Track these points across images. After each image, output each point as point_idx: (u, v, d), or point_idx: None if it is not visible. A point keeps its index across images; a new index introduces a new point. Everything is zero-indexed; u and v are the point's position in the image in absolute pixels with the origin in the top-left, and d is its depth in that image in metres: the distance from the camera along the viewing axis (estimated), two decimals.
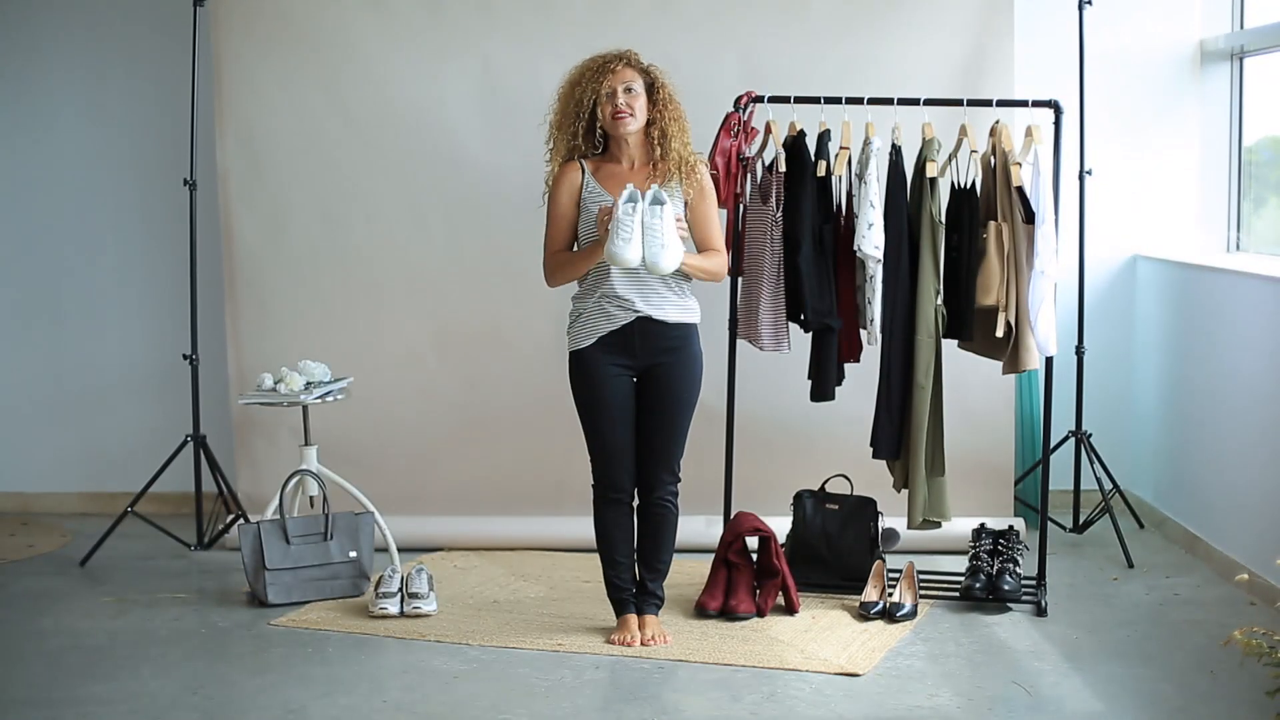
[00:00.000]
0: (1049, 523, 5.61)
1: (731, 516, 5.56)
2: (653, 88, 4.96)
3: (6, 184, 6.89)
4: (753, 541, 5.47)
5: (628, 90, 4.91)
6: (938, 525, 5.53)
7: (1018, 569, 5.45)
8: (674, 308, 4.99)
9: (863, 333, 5.48)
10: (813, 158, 5.42)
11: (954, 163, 5.50)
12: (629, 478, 5.06)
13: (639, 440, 5.05)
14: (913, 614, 5.30)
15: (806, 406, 5.60)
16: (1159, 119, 6.60)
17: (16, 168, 6.87)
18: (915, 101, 5.43)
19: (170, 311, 6.68)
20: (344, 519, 5.64)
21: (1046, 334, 5.30)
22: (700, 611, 5.31)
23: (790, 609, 5.34)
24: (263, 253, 6.31)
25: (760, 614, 5.31)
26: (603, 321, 4.96)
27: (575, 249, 5.00)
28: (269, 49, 6.22)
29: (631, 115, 4.91)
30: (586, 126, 4.96)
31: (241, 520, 6.14)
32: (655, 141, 4.95)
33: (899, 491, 5.55)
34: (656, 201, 4.78)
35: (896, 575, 5.54)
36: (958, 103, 5.47)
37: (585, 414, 5.03)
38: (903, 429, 5.47)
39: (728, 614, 5.29)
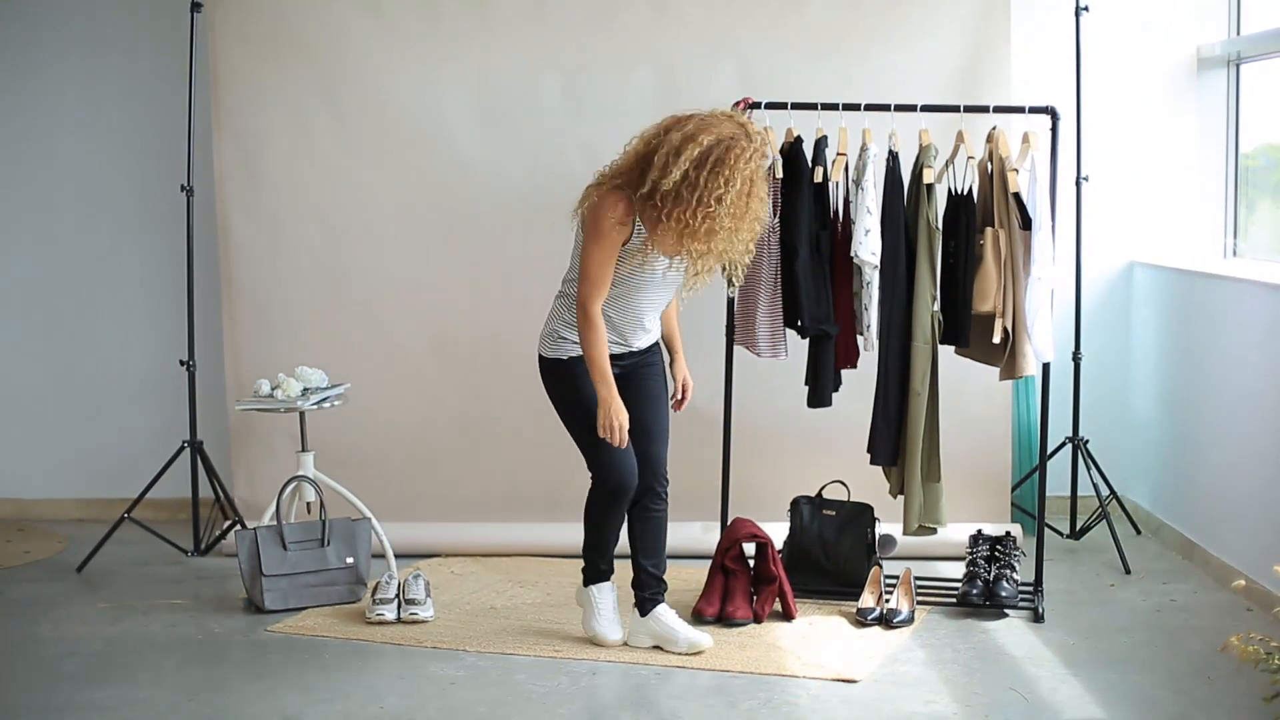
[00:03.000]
0: (1046, 529, 5.60)
1: (729, 523, 5.55)
2: None
3: (3, 190, 6.88)
4: (750, 547, 5.47)
5: None
6: (934, 531, 5.53)
7: (1015, 575, 5.45)
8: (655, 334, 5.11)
9: (860, 339, 5.48)
10: (810, 164, 5.42)
11: (951, 169, 5.50)
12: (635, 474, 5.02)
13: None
14: (910, 620, 5.30)
15: (804, 413, 5.60)
16: (1156, 125, 6.61)
17: (14, 173, 6.87)
18: (912, 108, 5.43)
19: (167, 317, 6.68)
20: (341, 525, 5.64)
21: (1043, 340, 5.30)
22: (697, 618, 5.31)
23: (787, 615, 5.34)
24: (260, 259, 6.30)
25: (757, 620, 5.31)
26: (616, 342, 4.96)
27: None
28: (266, 55, 6.22)
29: None
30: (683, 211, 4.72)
31: (238, 526, 6.15)
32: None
33: (895, 497, 5.55)
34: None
35: (893, 581, 5.54)
36: (954, 109, 5.47)
37: (589, 414, 4.89)
38: (900, 435, 5.48)
39: (725, 620, 5.28)
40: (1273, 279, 5.49)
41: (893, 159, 5.40)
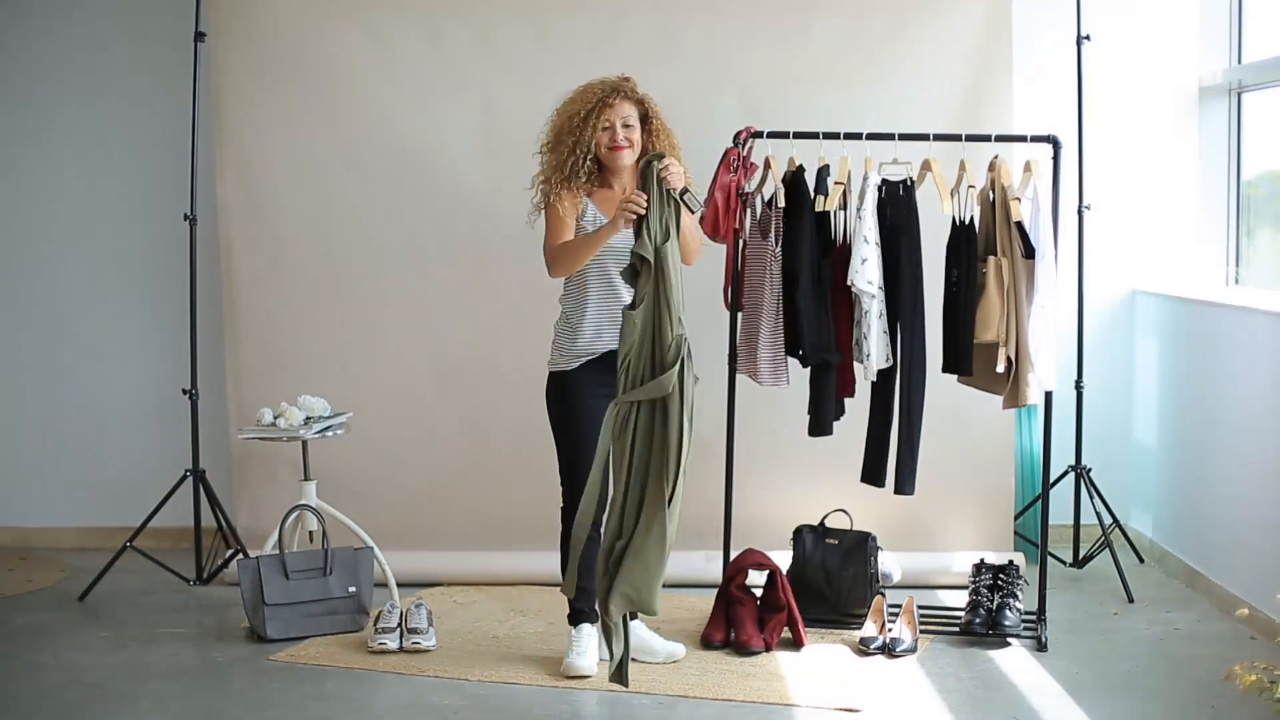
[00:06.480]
0: (1049, 557, 5.60)
1: (738, 554, 5.53)
2: (646, 117, 5.07)
3: (7, 218, 6.90)
4: (758, 576, 5.46)
5: (625, 125, 5.01)
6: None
7: (1018, 604, 5.44)
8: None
9: (858, 367, 5.47)
10: (811, 193, 5.43)
11: (954, 198, 5.51)
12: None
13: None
14: (913, 649, 5.29)
15: (805, 441, 5.60)
16: (1158, 154, 6.62)
17: (17, 201, 6.88)
18: (918, 137, 5.44)
19: (170, 346, 6.68)
20: (343, 554, 5.63)
21: (1046, 369, 5.30)
22: (706, 644, 5.30)
23: (797, 643, 5.33)
24: (262, 287, 6.31)
25: (767, 648, 5.29)
26: (593, 342, 5.00)
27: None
28: (269, 84, 6.23)
29: (629, 147, 5.02)
30: (582, 154, 5.00)
31: (241, 555, 6.14)
32: None
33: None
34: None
35: (896, 610, 5.53)
36: (956, 138, 5.48)
37: (566, 434, 5.05)
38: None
39: (739, 649, 5.26)
40: (1275, 307, 5.49)
41: (900, 187, 5.41)
